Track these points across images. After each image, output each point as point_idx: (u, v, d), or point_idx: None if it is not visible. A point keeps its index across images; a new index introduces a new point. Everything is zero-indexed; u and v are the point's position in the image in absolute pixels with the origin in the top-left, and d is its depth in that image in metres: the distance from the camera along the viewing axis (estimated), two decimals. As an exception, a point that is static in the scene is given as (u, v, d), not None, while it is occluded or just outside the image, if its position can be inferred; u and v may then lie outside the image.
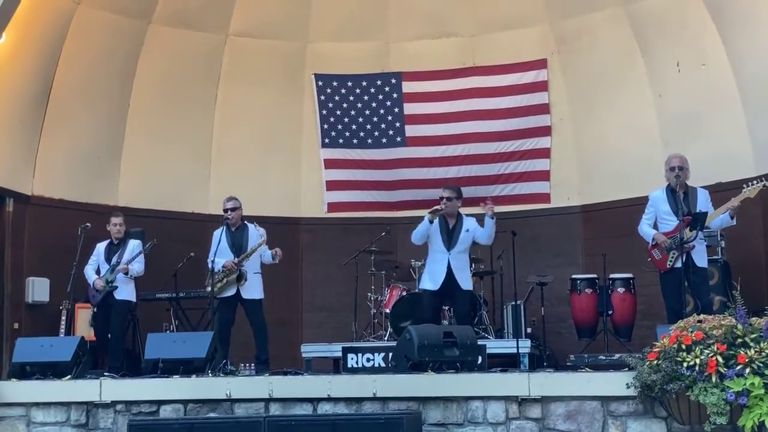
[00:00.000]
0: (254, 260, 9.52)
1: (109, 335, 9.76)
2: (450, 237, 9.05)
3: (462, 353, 7.61)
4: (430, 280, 9.10)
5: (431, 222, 9.03)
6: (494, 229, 9.04)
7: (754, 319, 6.53)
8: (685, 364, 6.28)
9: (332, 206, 12.41)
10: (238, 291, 9.41)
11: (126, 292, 9.80)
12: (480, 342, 8.72)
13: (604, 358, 9.07)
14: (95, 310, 9.77)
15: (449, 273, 8.97)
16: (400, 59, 12.52)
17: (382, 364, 9.58)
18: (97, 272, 9.80)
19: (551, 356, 10.42)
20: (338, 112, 12.62)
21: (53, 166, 11.08)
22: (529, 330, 10.52)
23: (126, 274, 9.68)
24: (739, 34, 10.27)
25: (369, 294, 10.99)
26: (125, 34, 11.47)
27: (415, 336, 7.54)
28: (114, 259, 9.74)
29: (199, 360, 7.84)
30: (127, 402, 7.50)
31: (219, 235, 9.44)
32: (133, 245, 9.88)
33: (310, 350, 10.38)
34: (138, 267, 9.80)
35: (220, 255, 9.39)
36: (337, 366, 9.33)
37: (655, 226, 8.52)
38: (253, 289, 9.50)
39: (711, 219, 8.25)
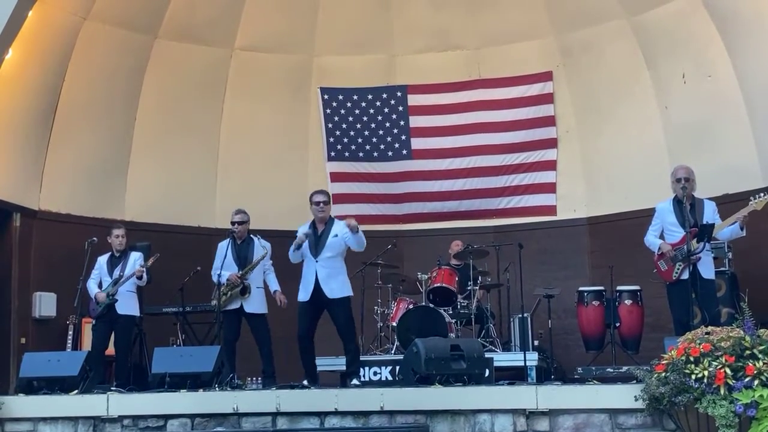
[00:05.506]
0: (257, 275, 9.45)
1: (115, 351, 9.74)
2: (317, 243, 8.80)
3: (469, 366, 7.61)
4: (302, 290, 8.77)
5: (299, 246, 8.79)
6: (363, 238, 8.78)
7: (762, 330, 6.53)
8: (693, 377, 6.28)
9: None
10: (241, 305, 9.37)
11: (129, 306, 9.70)
12: (487, 355, 8.71)
13: (611, 370, 9.03)
14: (94, 322, 9.73)
15: (317, 282, 8.68)
16: (405, 72, 12.55)
17: (390, 378, 9.63)
18: (100, 285, 9.69)
19: (559, 369, 10.41)
20: (344, 126, 12.64)
21: (60, 181, 11.10)
22: (536, 342, 10.50)
23: (140, 278, 9.63)
24: (744, 45, 10.27)
25: (375, 307, 10.96)
26: (131, 49, 11.51)
27: (422, 349, 7.54)
28: (116, 272, 9.65)
29: (206, 374, 7.82)
30: (134, 416, 7.48)
31: (225, 248, 9.41)
32: (135, 257, 9.80)
33: (317, 364, 10.32)
34: (145, 275, 9.75)
35: (226, 268, 9.36)
36: (344, 379, 9.30)
37: (662, 239, 8.50)
38: (256, 303, 9.41)
39: (718, 230, 8.22)
